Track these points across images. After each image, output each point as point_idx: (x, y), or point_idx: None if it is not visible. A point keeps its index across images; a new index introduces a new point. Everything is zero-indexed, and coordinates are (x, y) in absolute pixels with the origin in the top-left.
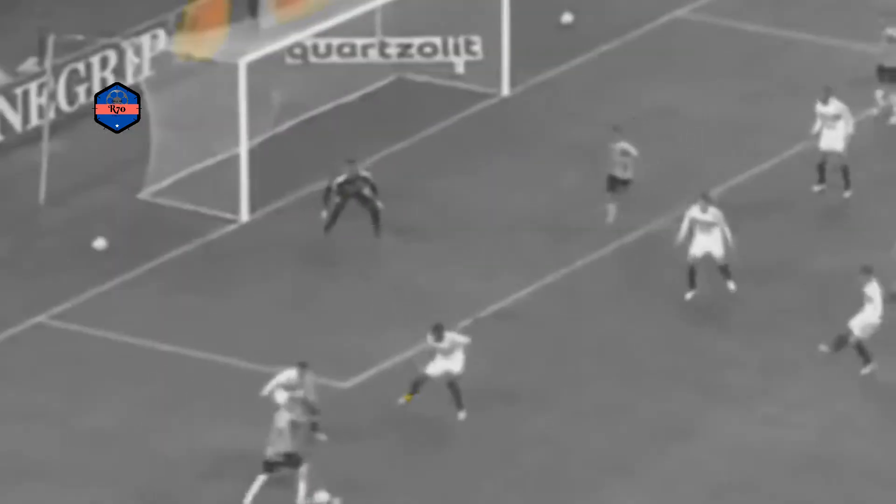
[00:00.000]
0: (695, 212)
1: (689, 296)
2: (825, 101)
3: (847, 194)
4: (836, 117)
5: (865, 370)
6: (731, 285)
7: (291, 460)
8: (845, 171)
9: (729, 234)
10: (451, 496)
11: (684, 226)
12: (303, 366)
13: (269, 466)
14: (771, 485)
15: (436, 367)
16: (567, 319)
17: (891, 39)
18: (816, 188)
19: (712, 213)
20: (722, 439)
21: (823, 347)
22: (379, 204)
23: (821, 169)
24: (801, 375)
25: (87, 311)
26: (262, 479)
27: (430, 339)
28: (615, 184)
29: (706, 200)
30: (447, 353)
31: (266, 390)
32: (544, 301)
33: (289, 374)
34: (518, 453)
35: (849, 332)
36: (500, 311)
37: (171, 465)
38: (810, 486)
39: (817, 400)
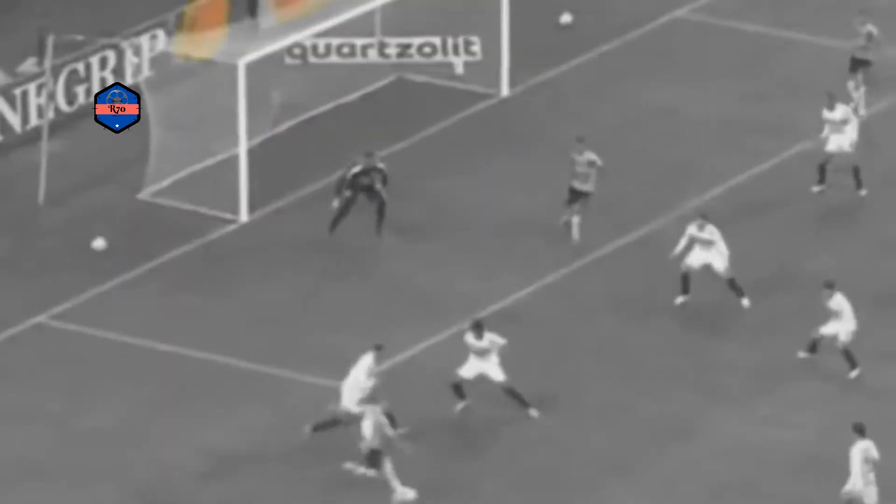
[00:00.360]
0: (692, 230)
1: (679, 300)
2: (831, 107)
3: (862, 192)
4: (844, 122)
5: (853, 374)
6: (745, 301)
7: (374, 458)
8: (856, 171)
9: (725, 253)
10: (451, 496)
11: (682, 242)
12: (378, 348)
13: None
14: (770, 485)
15: (470, 370)
16: (567, 320)
17: (870, 37)
18: (816, 189)
19: (709, 231)
20: (722, 440)
21: (802, 354)
22: (384, 196)
23: (821, 169)
24: (801, 376)
25: (87, 311)
26: (374, 472)
27: (469, 336)
28: (576, 196)
29: (704, 219)
30: (483, 353)
31: (364, 384)
32: (544, 301)
33: (366, 361)
34: (518, 453)
35: (821, 337)
36: (500, 311)
37: (170, 465)
38: (810, 486)
39: (817, 400)
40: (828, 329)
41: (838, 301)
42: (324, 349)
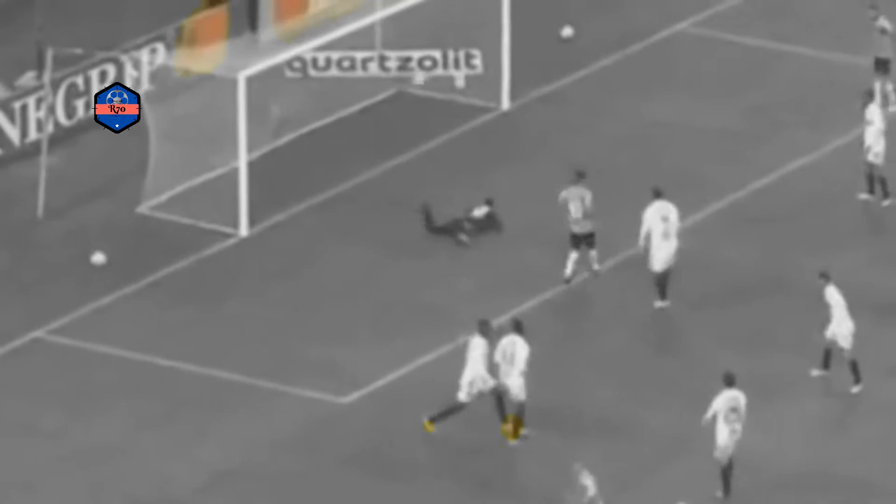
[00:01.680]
0: (650, 211)
1: (658, 305)
2: (864, 107)
3: (886, 203)
4: (870, 123)
5: (855, 389)
6: (660, 304)
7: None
8: (883, 181)
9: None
10: None
11: (643, 227)
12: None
13: None
14: (769, 497)
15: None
16: (567, 333)
17: (883, 31)
18: (863, 196)
19: (666, 209)
20: None
21: (815, 371)
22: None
23: (869, 178)
24: (802, 389)
25: (86, 325)
26: None
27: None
28: (578, 241)
29: (658, 196)
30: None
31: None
32: (545, 315)
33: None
34: (518, 466)
35: (831, 344)
36: (501, 325)
37: (167, 479)
38: (809, 498)
39: (818, 413)
40: (829, 331)
41: (830, 293)
42: (323, 364)
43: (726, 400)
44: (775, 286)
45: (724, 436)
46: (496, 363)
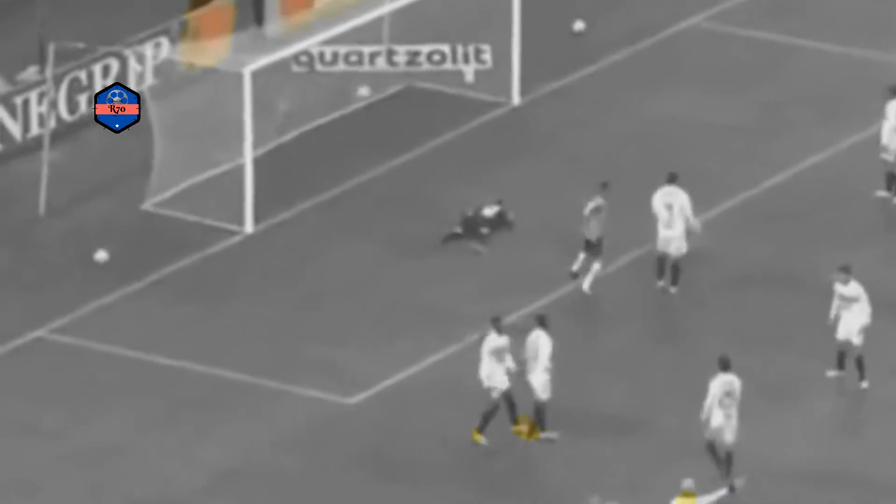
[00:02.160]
0: (658, 196)
1: (659, 284)
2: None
3: None
4: (887, 119)
5: (864, 384)
6: (662, 283)
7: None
8: (894, 178)
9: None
10: None
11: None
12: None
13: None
14: (780, 497)
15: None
16: (577, 332)
17: None
18: (880, 193)
19: (672, 193)
20: (735, 454)
21: (831, 373)
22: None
23: (887, 176)
24: (814, 389)
25: (88, 324)
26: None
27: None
28: (590, 247)
29: (671, 182)
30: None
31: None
32: (555, 314)
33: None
34: (531, 469)
35: (846, 344)
36: (510, 324)
37: (167, 479)
38: (818, 497)
39: (829, 413)
40: (841, 332)
41: (854, 287)
42: (326, 363)
43: (721, 384)
44: (788, 284)
45: (719, 419)
46: (525, 360)
